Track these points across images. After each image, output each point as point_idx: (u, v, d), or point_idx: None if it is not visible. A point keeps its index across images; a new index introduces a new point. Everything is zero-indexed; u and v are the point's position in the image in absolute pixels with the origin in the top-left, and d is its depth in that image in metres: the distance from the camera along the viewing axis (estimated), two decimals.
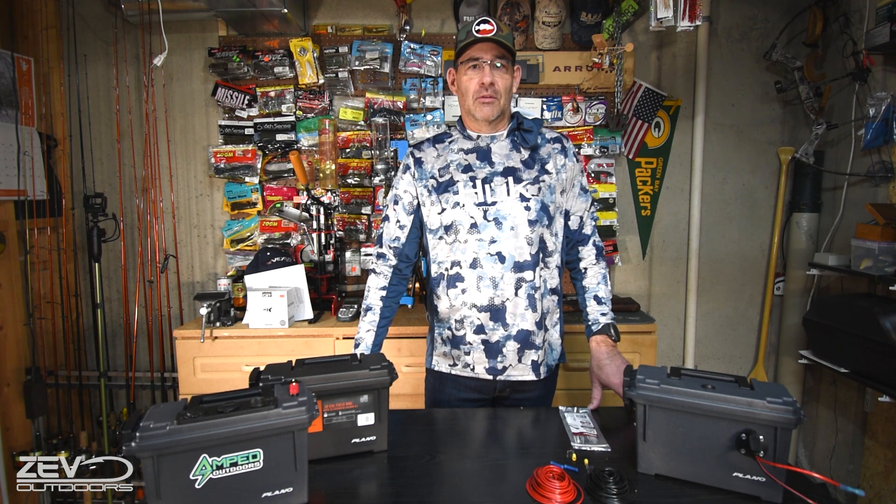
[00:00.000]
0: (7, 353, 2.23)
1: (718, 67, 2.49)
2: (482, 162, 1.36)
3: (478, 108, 1.32)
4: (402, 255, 1.44)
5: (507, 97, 1.34)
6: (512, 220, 1.31)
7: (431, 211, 1.38)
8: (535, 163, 1.36)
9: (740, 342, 2.65)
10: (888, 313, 1.70)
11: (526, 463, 1.00)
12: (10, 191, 2.18)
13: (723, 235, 2.59)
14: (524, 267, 1.31)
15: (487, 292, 1.31)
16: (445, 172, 1.37)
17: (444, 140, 1.43)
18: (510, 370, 1.35)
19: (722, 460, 0.90)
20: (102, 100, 2.48)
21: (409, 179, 1.43)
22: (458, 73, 1.36)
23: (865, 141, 2.02)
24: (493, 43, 1.28)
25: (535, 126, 1.38)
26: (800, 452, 2.53)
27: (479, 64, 1.30)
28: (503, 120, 1.39)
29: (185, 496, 0.79)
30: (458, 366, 1.39)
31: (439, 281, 1.38)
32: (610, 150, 2.47)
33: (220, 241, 2.57)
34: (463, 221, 1.33)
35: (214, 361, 2.03)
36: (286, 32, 2.41)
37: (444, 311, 1.38)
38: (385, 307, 1.43)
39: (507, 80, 1.32)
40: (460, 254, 1.33)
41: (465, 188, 1.33)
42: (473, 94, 1.32)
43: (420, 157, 1.42)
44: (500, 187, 1.33)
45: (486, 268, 1.31)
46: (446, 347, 1.40)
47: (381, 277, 1.44)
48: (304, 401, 0.85)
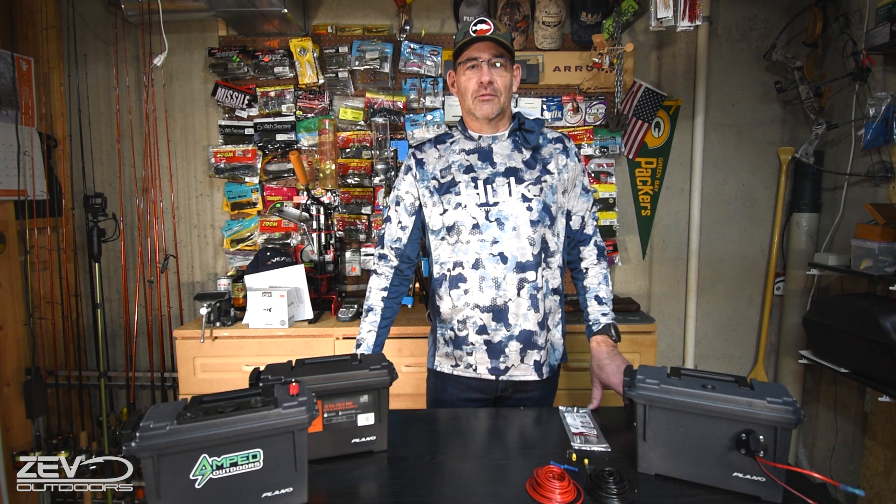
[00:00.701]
0: (7, 353, 2.23)
1: (718, 67, 2.49)
2: (484, 162, 1.36)
3: (477, 107, 1.32)
4: (404, 256, 1.44)
5: (506, 95, 1.34)
6: (514, 221, 1.31)
7: (433, 212, 1.38)
8: (537, 163, 1.36)
9: (740, 342, 2.65)
10: (888, 313, 1.70)
11: (526, 463, 1.00)
12: (10, 191, 2.18)
13: (723, 235, 2.59)
14: (526, 267, 1.31)
15: (490, 293, 1.31)
16: (447, 173, 1.37)
17: (446, 141, 1.43)
18: (512, 370, 1.36)
19: (722, 460, 0.90)
20: (102, 100, 2.48)
21: (411, 180, 1.43)
22: (457, 73, 1.37)
23: (865, 141, 2.02)
24: (491, 42, 1.28)
25: (537, 126, 1.38)
26: (800, 452, 2.53)
27: (477, 63, 1.30)
28: (504, 119, 1.39)
29: (185, 496, 0.79)
30: (461, 366, 1.39)
31: (441, 282, 1.38)
32: (610, 150, 2.47)
33: (220, 241, 2.57)
34: (465, 222, 1.33)
35: (214, 361, 2.03)
36: (286, 32, 2.41)
37: (447, 312, 1.38)
38: (386, 308, 1.43)
39: (506, 78, 1.32)
40: (462, 254, 1.33)
41: (467, 189, 1.33)
42: (472, 94, 1.32)
43: (422, 158, 1.42)
44: (501, 188, 1.33)
45: (488, 268, 1.31)
46: (448, 348, 1.40)
47: (383, 278, 1.44)
48: (304, 401, 0.85)
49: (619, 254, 2.54)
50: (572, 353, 1.99)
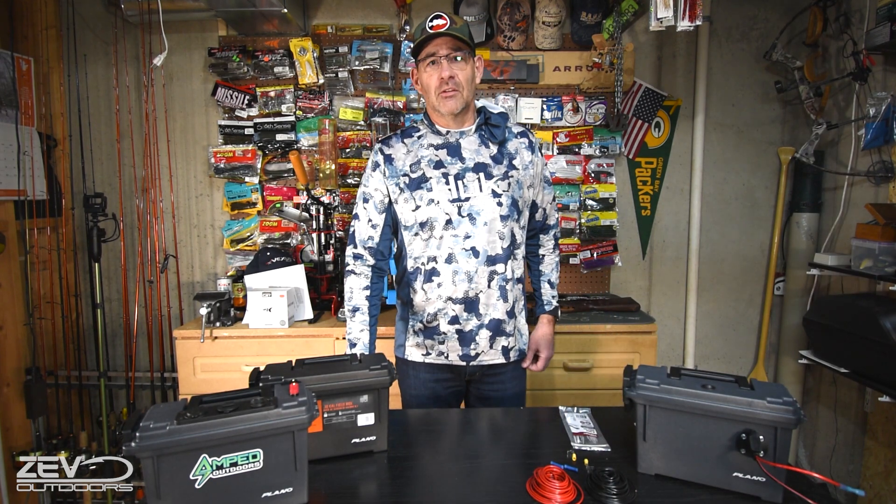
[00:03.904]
0: (7, 353, 2.23)
1: (718, 67, 2.49)
2: (453, 157, 1.38)
3: (441, 103, 1.34)
4: (378, 254, 1.47)
5: (468, 89, 1.35)
6: (485, 216, 1.35)
7: (405, 208, 1.40)
8: (504, 157, 1.39)
9: (740, 342, 2.64)
10: (888, 313, 1.70)
11: (526, 463, 1.00)
12: (10, 191, 2.18)
13: (723, 235, 2.59)
14: (496, 260, 1.36)
15: (462, 286, 1.35)
16: (417, 168, 1.38)
17: (412, 135, 1.44)
18: (482, 356, 1.41)
19: (722, 460, 0.90)
20: (102, 100, 2.48)
21: (380, 177, 1.44)
22: (418, 71, 1.38)
23: (865, 141, 2.02)
24: (449, 37, 1.29)
25: (503, 121, 1.41)
26: (800, 452, 2.53)
27: (436, 59, 1.32)
28: (469, 113, 1.40)
29: (185, 496, 0.79)
30: (432, 354, 1.42)
31: (416, 275, 1.40)
32: (610, 150, 2.47)
33: (220, 241, 2.56)
34: (438, 218, 1.35)
35: (214, 361, 2.03)
36: (286, 32, 2.41)
37: (420, 304, 1.41)
38: (372, 305, 1.46)
39: (466, 71, 1.33)
40: (436, 249, 1.36)
41: (439, 184, 1.35)
42: (435, 90, 1.34)
43: (389, 154, 1.43)
44: (472, 183, 1.36)
45: (461, 262, 1.35)
46: (419, 338, 1.43)
47: (362, 278, 1.46)
48: (304, 401, 0.85)
49: (619, 254, 2.54)
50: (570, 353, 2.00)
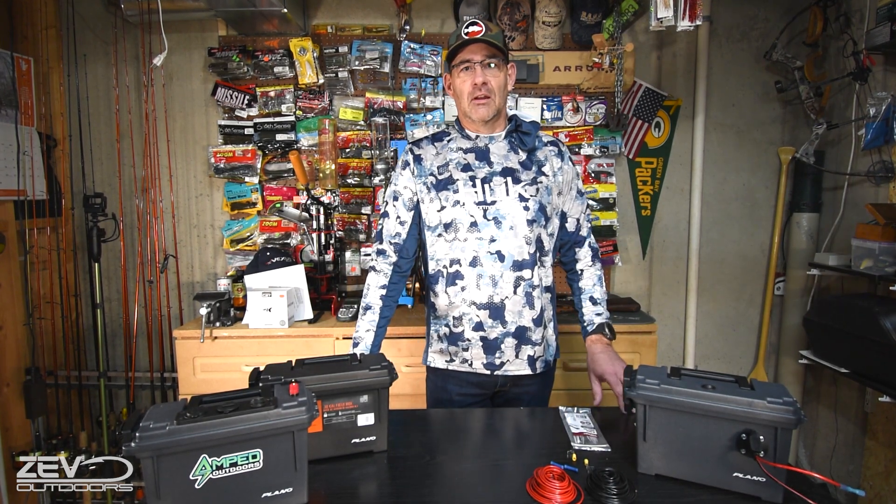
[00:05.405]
0: (7, 353, 2.23)
1: (718, 67, 2.49)
2: (481, 162, 1.37)
3: (473, 110, 1.34)
4: (403, 251, 1.45)
5: (501, 96, 1.35)
6: (511, 220, 1.33)
7: (430, 208, 1.39)
8: (533, 164, 1.38)
9: (740, 342, 2.64)
10: (888, 313, 1.70)
11: (526, 463, 1.00)
12: (9, 191, 2.18)
13: (723, 235, 2.59)
14: (523, 266, 1.33)
15: (487, 290, 1.33)
16: (444, 170, 1.38)
17: (443, 139, 1.45)
18: (507, 365, 1.38)
19: (722, 460, 0.90)
20: (102, 100, 2.48)
21: (409, 176, 1.43)
22: (451, 76, 1.39)
23: (866, 141, 2.02)
24: (484, 43, 1.30)
25: (533, 129, 1.41)
26: (800, 452, 2.53)
27: (470, 65, 1.32)
28: (500, 120, 1.40)
29: (184, 496, 0.79)
30: (456, 361, 1.40)
31: (437, 278, 1.39)
32: (610, 150, 2.47)
33: (219, 241, 2.56)
34: (463, 220, 1.34)
35: (214, 361, 2.03)
36: (286, 32, 2.41)
37: (443, 308, 1.40)
38: (385, 306, 1.43)
39: (500, 78, 1.33)
40: (460, 252, 1.35)
41: (465, 187, 1.35)
42: (468, 96, 1.34)
43: (419, 154, 1.43)
44: (499, 187, 1.34)
45: (485, 266, 1.33)
46: (443, 344, 1.42)
47: (382, 275, 1.45)
48: (303, 401, 0.85)
49: (619, 254, 2.54)
50: (570, 353, 2.00)
